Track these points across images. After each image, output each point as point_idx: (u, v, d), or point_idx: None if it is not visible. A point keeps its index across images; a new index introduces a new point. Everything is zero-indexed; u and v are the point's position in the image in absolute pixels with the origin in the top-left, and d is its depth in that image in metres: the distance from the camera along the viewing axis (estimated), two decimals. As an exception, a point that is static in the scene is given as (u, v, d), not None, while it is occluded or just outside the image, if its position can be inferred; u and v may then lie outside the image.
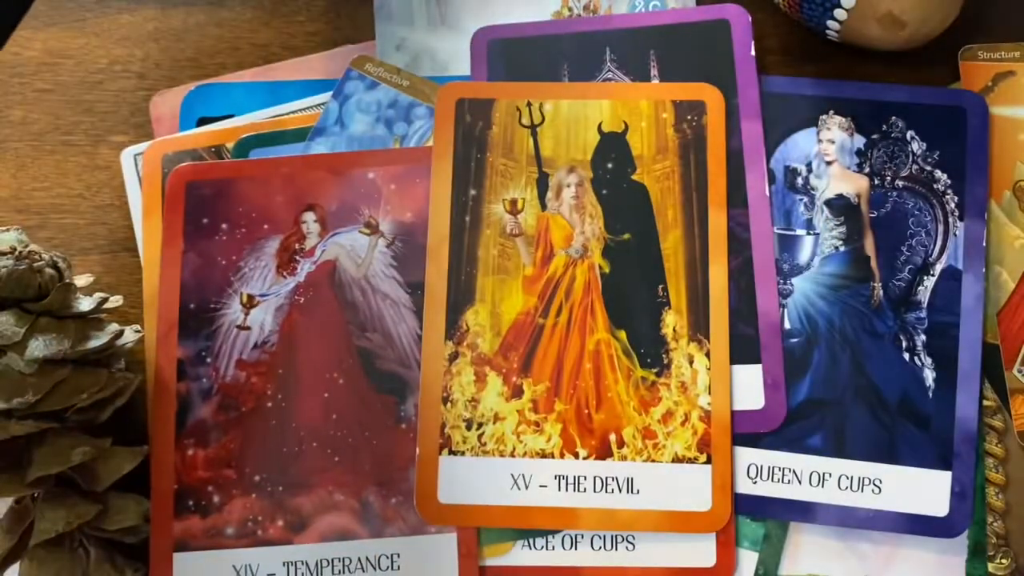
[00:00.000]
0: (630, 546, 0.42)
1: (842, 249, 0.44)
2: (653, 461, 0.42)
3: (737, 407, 0.42)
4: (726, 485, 0.41)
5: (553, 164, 0.44)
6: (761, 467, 0.42)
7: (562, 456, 0.42)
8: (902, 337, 0.43)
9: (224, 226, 0.45)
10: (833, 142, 0.45)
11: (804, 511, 0.42)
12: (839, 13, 0.43)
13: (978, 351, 0.42)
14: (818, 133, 0.45)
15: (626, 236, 0.44)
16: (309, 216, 0.45)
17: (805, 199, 0.45)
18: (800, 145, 0.45)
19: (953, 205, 0.44)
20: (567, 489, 0.42)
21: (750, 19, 0.46)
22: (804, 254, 0.44)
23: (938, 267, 0.43)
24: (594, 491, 0.42)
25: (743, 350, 0.43)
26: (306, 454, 0.43)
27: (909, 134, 0.45)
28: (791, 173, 0.45)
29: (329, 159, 0.45)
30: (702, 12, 0.47)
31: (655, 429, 0.42)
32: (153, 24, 0.50)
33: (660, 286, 0.43)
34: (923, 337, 0.43)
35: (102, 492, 0.41)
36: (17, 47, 0.50)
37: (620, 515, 0.41)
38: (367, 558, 0.43)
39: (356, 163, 0.45)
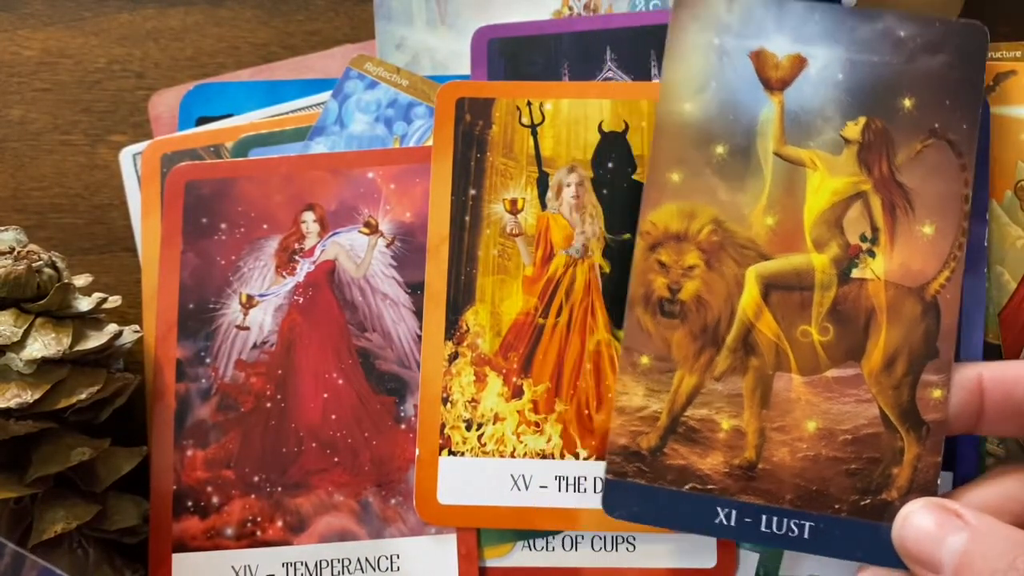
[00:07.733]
0: (630, 547, 0.42)
1: (843, 249, 0.44)
2: (653, 461, 0.42)
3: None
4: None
5: (553, 163, 0.44)
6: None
7: (562, 457, 0.42)
8: (903, 337, 0.43)
9: (223, 226, 0.45)
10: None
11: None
12: (840, 12, 0.42)
13: (979, 351, 0.42)
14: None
15: (627, 236, 0.44)
16: (308, 216, 0.45)
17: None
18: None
19: (954, 205, 0.44)
20: (567, 490, 0.42)
21: (751, 18, 0.46)
22: (805, 254, 0.44)
23: (939, 267, 0.43)
24: (595, 491, 0.42)
25: (744, 350, 0.43)
26: (305, 454, 0.43)
27: (910, 134, 0.45)
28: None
29: (328, 159, 0.45)
30: (702, 11, 0.47)
31: (655, 429, 0.42)
32: (152, 23, 0.50)
33: (660, 286, 0.43)
34: (924, 337, 0.43)
35: (101, 493, 0.41)
36: (15, 46, 0.50)
37: (620, 516, 0.41)
38: (366, 559, 0.42)
39: (356, 163, 0.45)
